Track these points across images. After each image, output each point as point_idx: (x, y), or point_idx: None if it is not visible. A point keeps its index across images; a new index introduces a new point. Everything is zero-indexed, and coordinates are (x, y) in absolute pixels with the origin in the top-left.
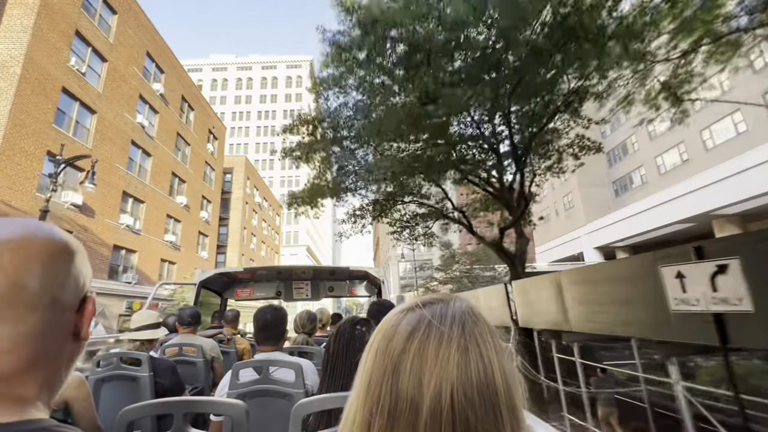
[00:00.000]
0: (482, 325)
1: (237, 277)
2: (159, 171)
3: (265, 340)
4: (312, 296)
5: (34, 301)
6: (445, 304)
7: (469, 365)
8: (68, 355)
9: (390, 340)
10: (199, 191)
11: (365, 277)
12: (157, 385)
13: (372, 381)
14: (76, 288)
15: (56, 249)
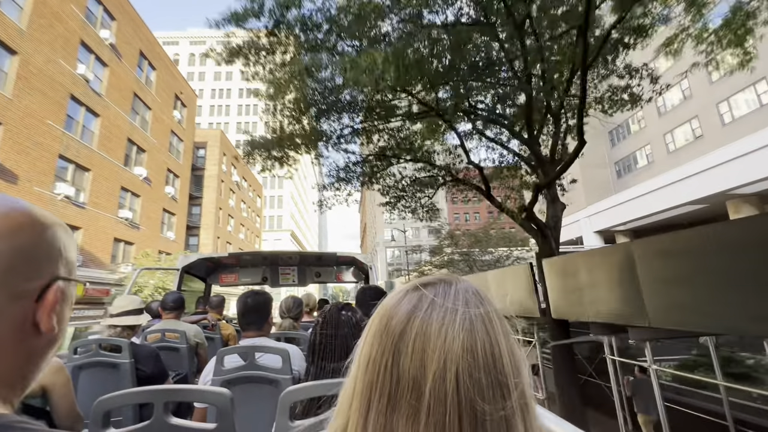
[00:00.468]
0: (488, 305)
1: (222, 262)
2: (110, 135)
3: (248, 325)
4: (299, 282)
5: None
6: (447, 284)
7: (476, 345)
8: (29, 349)
9: (390, 320)
10: (164, 163)
11: (352, 263)
12: (139, 372)
13: (371, 362)
14: (35, 273)
15: (12, 227)
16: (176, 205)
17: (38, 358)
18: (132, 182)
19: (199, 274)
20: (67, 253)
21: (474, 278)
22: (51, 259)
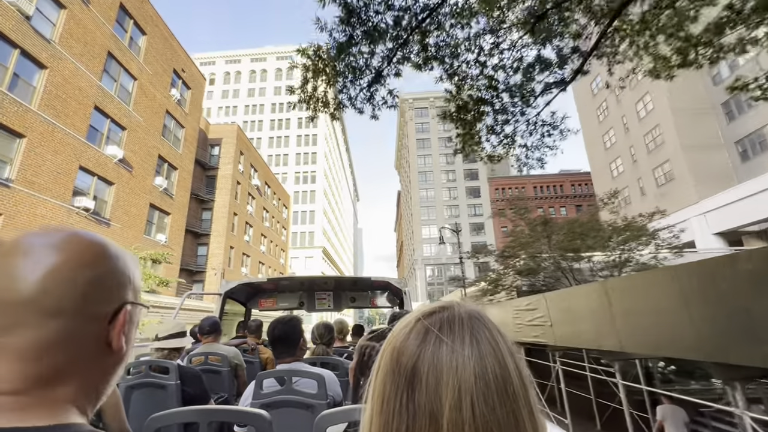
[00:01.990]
0: (491, 326)
1: (261, 288)
2: (65, 97)
3: (281, 354)
4: (334, 307)
5: (57, 307)
6: (449, 310)
7: (486, 371)
8: (103, 365)
9: (400, 356)
10: (154, 148)
11: (387, 287)
12: (184, 393)
13: (386, 401)
14: (108, 298)
15: (90, 258)
16: (172, 203)
17: (110, 375)
18: (99, 163)
19: (239, 298)
20: (134, 280)
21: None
22: (121, 285)
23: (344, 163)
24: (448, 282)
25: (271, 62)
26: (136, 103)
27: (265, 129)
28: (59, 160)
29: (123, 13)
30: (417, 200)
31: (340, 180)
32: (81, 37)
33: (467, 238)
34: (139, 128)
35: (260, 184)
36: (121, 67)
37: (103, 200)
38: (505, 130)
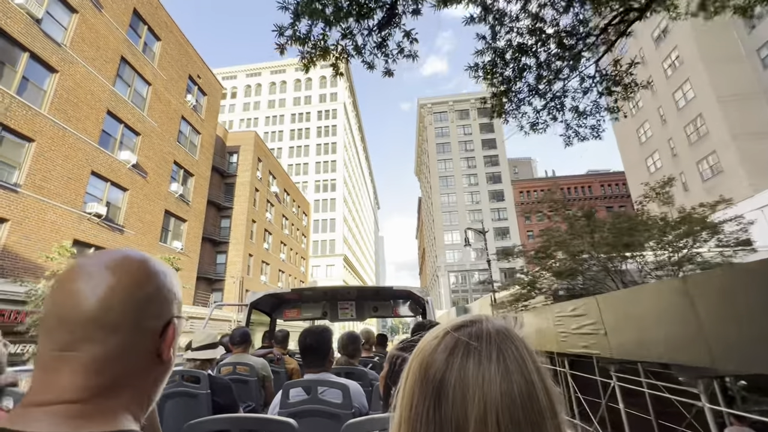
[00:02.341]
0: (519, 343)
1: (285, 298)
2: (76, 101)
3: (309, 363)
4: (357, 317)
5: (119, 323)
6: (478, 325)
7: (512, 386)
8: (154, 375)
9: (429, 368)
10: (170, 154)
11: (409, 297)
12: (214, 402)
13: (413, 410)
14: (160, 314)
15: (142, 278)
16: (188, 210)
17: (160, 384)
18: (112, 169)
19: (264, 309)
20: (178, 294)
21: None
22: (169, 301)
23: (364, 171)
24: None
25: (290, 73)
26: (150, 108)
27: (285, 139)
28: (70, 165)
29: (137, 18)
30: (438, 206)
31: (360, 188)
32: (93, 42)
33: (491, 243)
34: (154, 134)
35: (279, 191)
36: (135, 72)
37: (117, 206)
38: (552, 88)
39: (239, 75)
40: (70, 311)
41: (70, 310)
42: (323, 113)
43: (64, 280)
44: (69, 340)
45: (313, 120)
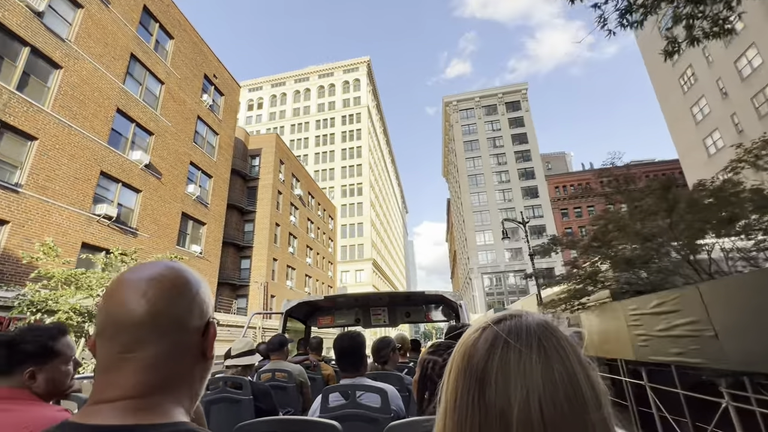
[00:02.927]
0: (559, 335)
1: (319, 306)
2: (83, 98)
3: (345, 366)
4: (389, 322)
5: (169, 325)
6: (517, 318)
7: (553, 374)
8: (200, 372)
9: (471, 358)
10: (185, 155)
11: (441, 301)
12: (256, 407)
13: (459, 399)
14: (201, 314)
15: (183, 282)
16: (207, 213)
17: (204, 380)
18: (124, 169)
19: (299, 317)
20: (211, 299)
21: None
22: (206, 303)
23: (390, 175)
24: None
25: (313, 80)
26: (163, 107)
27: (310, 146)
28: (77, 164)
29: (147, 15)
30: (468, 205)
31: (387, 191)
32: (100, 38)
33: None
34: (168, 133)
35: (303, 193)
36: (147, 70)
37: (129, 208)
38: None
39: (264, 86)
40: (125, 318)
41: (125, 317)
42: (347, 118)
43: (113, 292)
44: (127, 342)
45: (338, 125)
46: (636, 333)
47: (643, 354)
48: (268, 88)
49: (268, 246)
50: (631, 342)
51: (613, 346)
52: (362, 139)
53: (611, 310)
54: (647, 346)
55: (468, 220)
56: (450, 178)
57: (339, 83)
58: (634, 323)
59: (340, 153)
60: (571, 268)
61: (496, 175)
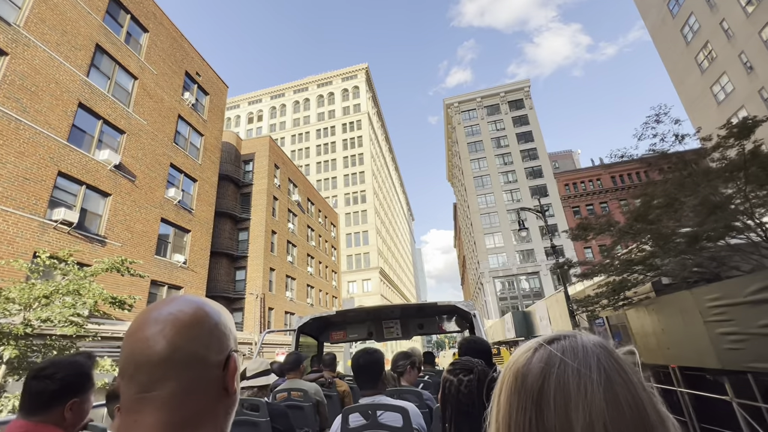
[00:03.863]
0: (618, 357)
1: (331, 321)
2: (36, 90)
3: (364, 384)
4: (402, 335)
5: (186, 362)
6: (572, 338)
7: (618, 399)
8: (224, 408)
9: (525, 378)
10: (165, 156)
11: (454, 311)
12: (274, 429)
13: (513, 421)
14: (220, 348)
15: (202, 317)
16: (191, 219)
17: (230, 416)
18: (88, 170)
19: (311, 333)
20: (233, 331)
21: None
22: (227, 336)
23: (394, 182)
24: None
25: (312, 90)
26: (137, 104)
27: (312, 155)
28: (27, 163)
29: (116, 5)
30: (476, 208)
31: (391, 198)
32: (57, 25)
33: (538, 244)
34: (143, 132)
35: (301, 199)
36: (116, 63)
37: (95, 214)
38: None
39: (263, 98)
40: (144, 356)
41: (144, 356)
42: (347, 125)
43: (134, 330)
44: (147, 381)
45: (338, 133)
46: (721, 331)
47: (733, 360)
48: (268, 99)
49: (264, 255)
50: (712, 344)
51: (681, 350)
52: (364, 146)
53: (677, 303)
54: (741, 350)
55: (476, 223)
56: (455, 182)
57: (338, 91)
58: (716, 318)
59: (342, 161)
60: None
61: (502, 175)
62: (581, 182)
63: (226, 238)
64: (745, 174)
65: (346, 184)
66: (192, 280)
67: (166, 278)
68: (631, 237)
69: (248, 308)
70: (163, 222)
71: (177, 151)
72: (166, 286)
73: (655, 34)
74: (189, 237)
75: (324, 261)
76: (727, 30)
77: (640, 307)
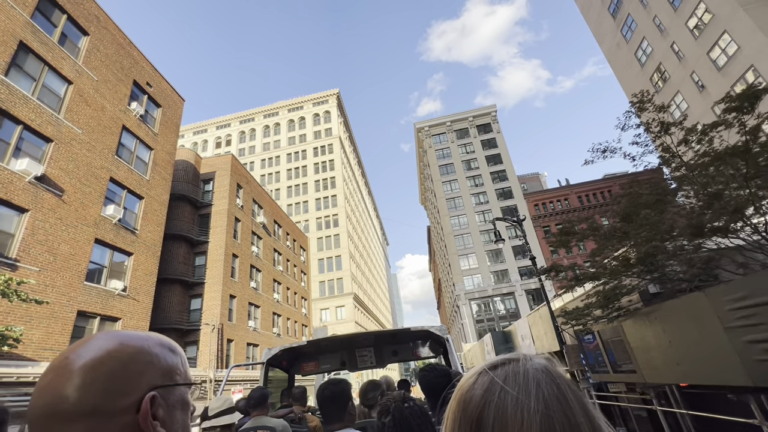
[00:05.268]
0: (561, 382)
1: (301, 351)
2: None
3: (329, 416)
4: (377, 363)
5: (75, 411)
6: (515, 363)
7: (554, 426)
8: None
9: (467, 405)
10: (103, 170)
11: (428, 336)
12: None
13: None
14: (129, 390)
15: (100, 359)
16: (134, 240)
17: None
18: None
19: (281, 365)
20: (161, 363)
21: None
22: (143, 372)
23: (368, 206)
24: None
25: (282, 114)
26: (71, 110)
27: (282, 179)
28: None
29: (48, 2)
30: (449, 230)
31: (365, 222)
32: None
33: (512, 263)
34: (77, 142)
35: (267, 221)
36: (45, 64)
37: (5, 232)
38: None
39: (232, 122)
40: (33, 409)
41: (33, 409)
42: (319, 149)
43: (39, 379)
44: None
45: (309, 157)
46: (749, 339)
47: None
48: (237, 124)
49: (224, 281)
50: (738, 356)
51: (694, 365)
52: (335, 170)
53: (686, 309)
54: None
55: (450, 245)
56: (428, 205)
57: (309, 116)
58: (741, 323)
59: (314, 185)
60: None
61: (474, 197)
62: (549, 202)
63: (180, 263)
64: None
65: (317, 207)
66: (133, 311)
67: (98, 308)
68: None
69: (204, 341)
70: (97, 243)
71: (119, 165)
72: (98, 318)
73: (611, 58)
74: (131, 261)
75: (292, 287)
76: (677, 52)
77: (639, 316)
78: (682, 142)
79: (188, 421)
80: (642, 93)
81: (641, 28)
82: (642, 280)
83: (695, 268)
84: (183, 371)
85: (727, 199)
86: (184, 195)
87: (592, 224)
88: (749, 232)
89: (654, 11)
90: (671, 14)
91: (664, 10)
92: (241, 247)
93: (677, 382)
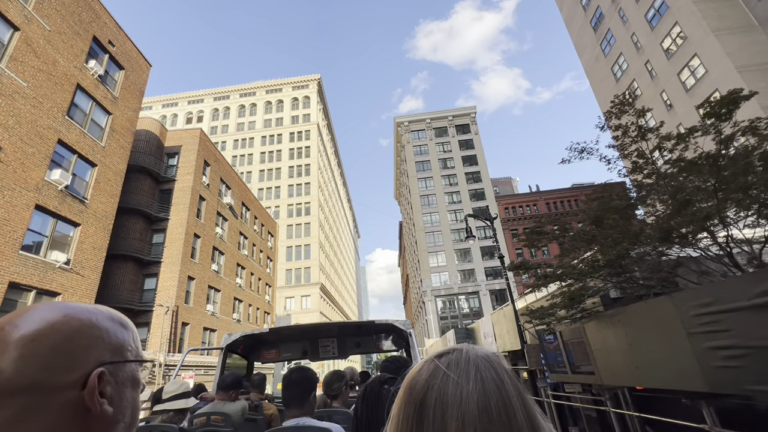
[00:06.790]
0: (498, 366)
1: (263, 339)
2: None
3: (290, 400)
4: (339, 354)
5: (10, 386)
6: (458, 352)
7: (489, 405)
8: (95, 429)
9: (412, 390)
10: (51, 129)
11: (392, 330)
12: None
13: (399, 429)
14: (72, 365)
15: (41, 330)
16: (83, 210)
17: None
18: None
19: (240, 351)
20: (111, 338)
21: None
22: (90, 347)
23: (341, 196)
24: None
25: (260, 95)
26: (15, 60)
27: (255, 162)
28: None
29: None
30: (421, 226)
31: (338, 213)
32: None
33: (479, 263)
34: (19, 95)
35: (234, 203)
36: None
37: None
38: None
39: (206, 98)
40: None
41: None
42: (296, 134)
43: None
44: None
45: (285, 142)
46: (711, 345)
47: (728, 381)
48: (210, 101)
49: (182, 261)
50: (698, 362)
51: (654, 370)
52: (311, 157)
53: (650, 313)
54: (740, 368)
55: (420, 241)
56: (402, 200)
57: (288, 99)
58: (704, 329)
59: (287, 170)
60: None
61: (447, 195)
62: (519, 206)
63: (136, 240)
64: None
65: (290, 194)
66: (76, 286)
67: (34, 281)
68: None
69: (156, 323)
70: (38, 210)
71: (70, 127)
72: (33, 291)
73: (589, 71)
74: (77, 232)
75: (257, 273)
76: (651, 70)
77: (603, 318)
78: (656, 148)
79: (138, 399)
80: (624, 94)
81: (619, 43)
82: (607, 283)
83: (663, 272)
84: (134, 347)
85: (696, 208)
86: (144, 167)
87: (563, 225)
88: (709, 243)
89: (633, 28)
90: (648, 33)
91: (641, 28)
92: (204, 228)
93: (635, 384)
